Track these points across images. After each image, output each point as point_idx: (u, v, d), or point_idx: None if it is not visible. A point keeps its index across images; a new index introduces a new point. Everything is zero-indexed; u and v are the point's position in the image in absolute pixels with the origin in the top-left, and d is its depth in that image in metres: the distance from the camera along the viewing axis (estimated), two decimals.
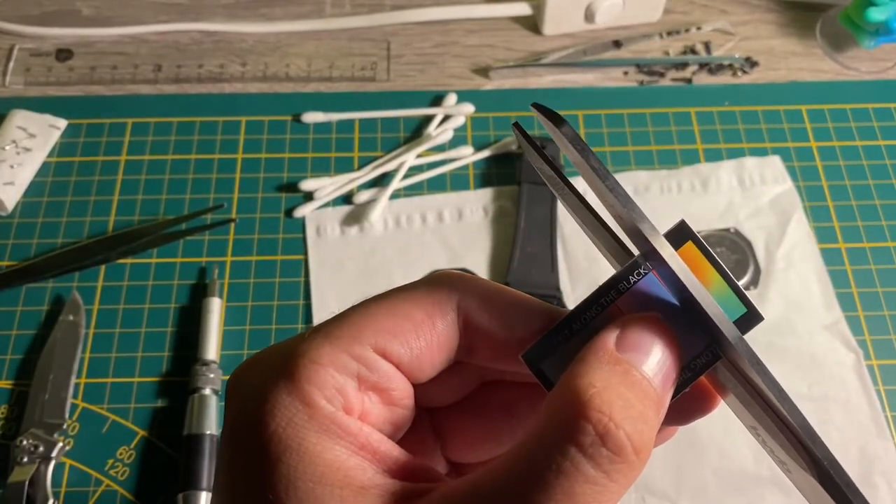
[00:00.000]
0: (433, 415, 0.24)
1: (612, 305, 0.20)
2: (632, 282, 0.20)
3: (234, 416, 0.19)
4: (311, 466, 0.18)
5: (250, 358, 0.21)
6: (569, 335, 0.20)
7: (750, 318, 0.19)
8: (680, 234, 0.19)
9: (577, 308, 0.20)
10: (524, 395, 0.24)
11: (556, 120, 0.19)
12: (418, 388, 0.21)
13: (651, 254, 0.19)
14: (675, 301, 0.19)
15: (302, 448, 0.18)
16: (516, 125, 0.21)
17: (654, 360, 0.19)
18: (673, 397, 0.19)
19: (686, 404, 0.21)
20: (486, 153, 0.53)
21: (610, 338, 0.19)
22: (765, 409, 0.19)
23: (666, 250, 0.18)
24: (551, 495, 0.17)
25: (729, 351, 0.18)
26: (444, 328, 0.21)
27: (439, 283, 0.21)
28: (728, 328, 0.18)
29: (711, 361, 0.19)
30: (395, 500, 0.18)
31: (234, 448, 0.19)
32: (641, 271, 0.20)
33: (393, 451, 0.19)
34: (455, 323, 0.21)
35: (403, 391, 0.21)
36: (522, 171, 0.50)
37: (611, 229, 0.21)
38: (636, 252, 0.20)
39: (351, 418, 0.19)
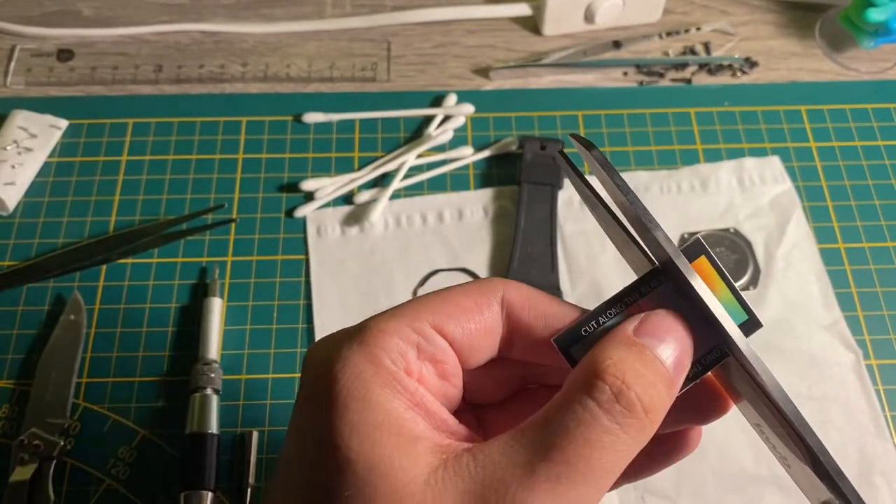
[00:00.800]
0: (479, 414, 0.27)
1: (634, 305, 0.23)
2: (652, 287, 0.23)
3: (312, 377, 0.23)
4: (372, 414, 0.21)
5: (324, 336, 0.24)
6: (595, 326, 0.23)
7: (751, 323, 0.23)
8: (695, 249, 0.23)
9: (604, 303, 0.23)
10: None
11: (588, 145, 0.23)
12: (466, 383, 0.25)
13: (670, 265, 0.22)
14: (689, 305, 0.22)
15: (367, 398, 0.21)
16: (561, 152, 0.26)
17: (667, 345, 0.22)
18: (684, 387, 0.23)
19: (703, 403, 0.24)
20: (486, 153, 0.53)
21: (629, 325, 0.22)
22: (766, 403, 0.21)
23: (684, 264, 0.22)
24: (572, 439, 0.20)
25: (734, 351, 0.22)
26: (490, 317, 0.24)
27: (486, 280, 0.25)
28: (734, 331, 0.21)
29: (719, 359, 0.23)
30: (441, 451, 0.21)
31: (309, 403, 0.22)
32: (661, 279, 0.23)
33: (443, 412, 0.23)
34: (499, 315, 0.24)
35: (455, 368, 0.24)
36: (523, 171, 0.50)
37: (637, 241, 0.24)
38: (656, 261, 0.24)
39: (410, 379, 0.22)
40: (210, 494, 0.40)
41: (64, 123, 0.53)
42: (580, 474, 0.20)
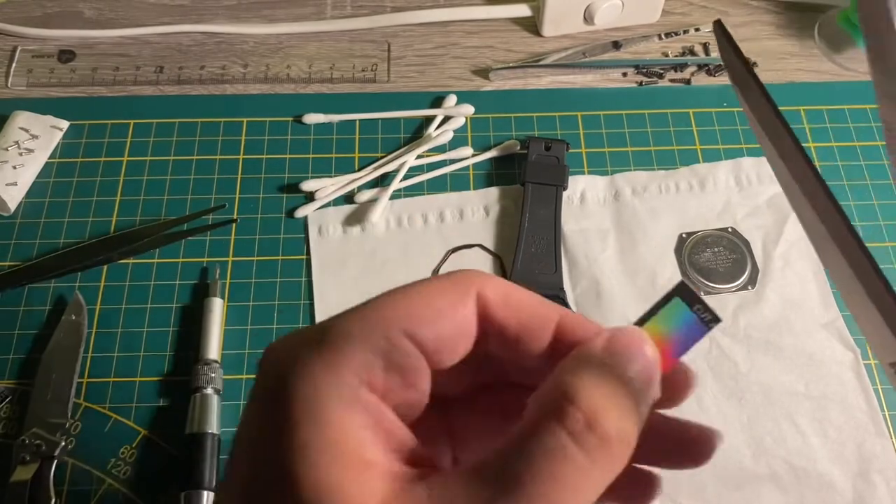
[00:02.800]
0: (447, 412, 0.25)
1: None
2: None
3: (267, 381, 0.21)
4: (325, 434, 0.19)
5: (286, 335, 0.22)
6: None
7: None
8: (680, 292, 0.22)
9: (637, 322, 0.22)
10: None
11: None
12: (434, 379, 0.23)
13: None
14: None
15: (322, 416, 0.19)
16: (718, 22, 0.23)
17: (635, 363, 0.20)
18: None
19: (681, 447, 0.23)
20: (489, 154, 0.53)
21: (598, 342, 0.21)
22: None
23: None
24: (537, 474, 0.18)
25: None
26: (465, 317, 0.22)
27: (461, 275, 0.23)
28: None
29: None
30: (396, 479, 0.19)
31: (259, 415, 0.20)
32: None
33: (405, 435, 0.21)
34: (474, 313, 0.22)
35: (424, 375, 0.22)
36: (527, 171, 0.51)
37: (806, 155, 0.22)
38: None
39: (372, 395, 0.20)
40: (210, 494, 0.40)
41: (65, 124, 0.54)
42: None
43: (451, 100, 0.55)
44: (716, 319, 0.21)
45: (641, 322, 0.22)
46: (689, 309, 0.21)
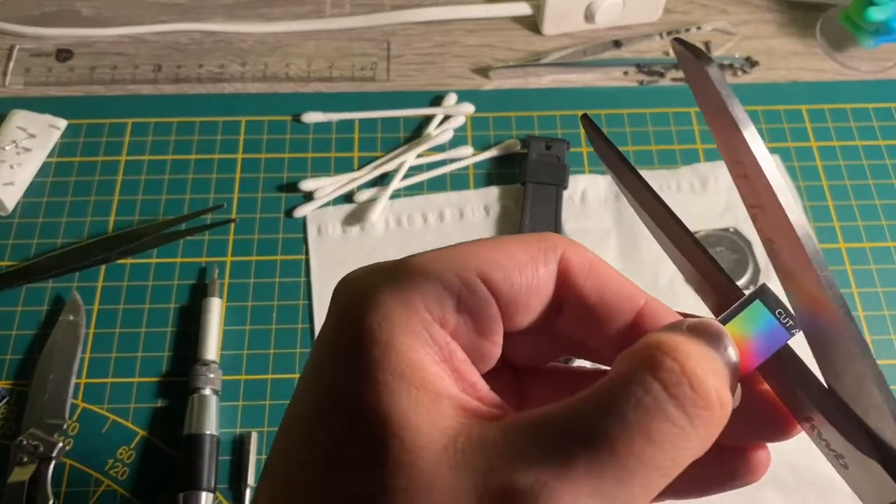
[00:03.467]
0: (519, 378, 0.24)
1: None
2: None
3: (339, 310, 0.20)
4: (394, 362, 0.18)
5: (361, 267, 0.21)
6: None
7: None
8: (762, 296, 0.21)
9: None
10: None
11: (702, 57, 0.18)
12: (506, 343, 0.22)
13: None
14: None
15: (390, 343, 0.19)
16: (585, 117, 0.23)
17: (727, 350, 0.19)
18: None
19: (768, 417, 0.22)
20: (489, 154, 0.53)
21: (682, 323, 0.19)
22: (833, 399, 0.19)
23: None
24: (627, 429, 0.17)
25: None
26: (544, 276, 0.21)
27: (547, 235, 0.22)
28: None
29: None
30: (465, 415, 0.18)
31: (326, 345, 0.20)
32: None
33: (472, 373, 0.20)
34: (554, 275, 0.21)
35: (495, 324, 0.21)
36: (528, 170, 0.50)
37: (678, 219, 0.22)
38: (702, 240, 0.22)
39: (442, 331, 0.20)
40: (209, 495, 0.40)
41: (63, 123, 0.53)
42: (629, 472, 0.17)
43: (451, 99, 0.55)
44: (797, 325, 0.20)
45: (723, 322, 0.20)
46: (772, 313, 0.20)
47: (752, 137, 0.18)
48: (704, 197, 0.51)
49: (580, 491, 0.16)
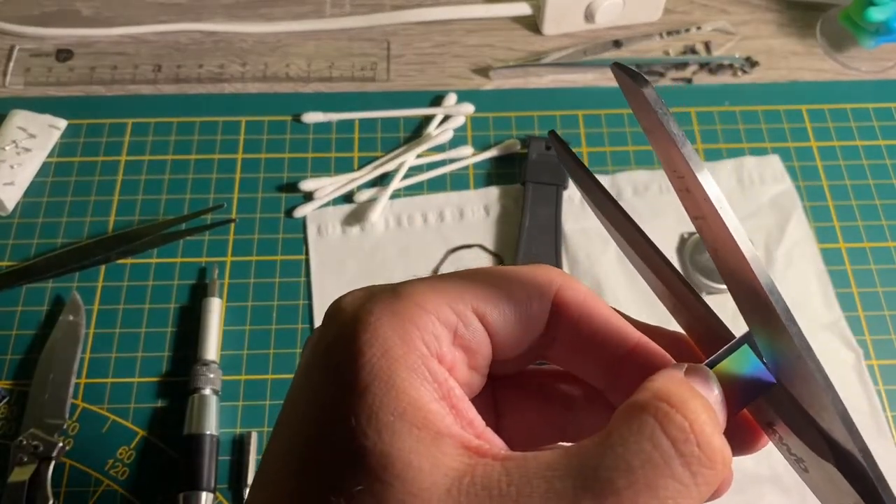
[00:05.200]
0: (494, 387, 0.24)
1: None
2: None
3: (333, 337, 0.20)
4: (395, 400, 0.18)
5: (355, 290, 0.21)
6: None
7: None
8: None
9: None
10: (586, 394, 0.24)
11: (639, 80, 0.19)
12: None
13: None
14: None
15: (391, 381, 0.18)
16: (553, 133, 0.24)
17: (714, 393, 0.19)
18: None
19: (736, 436, 0.21)
20: (489, 154, 0.53)
21: (679, 371, 0.19)
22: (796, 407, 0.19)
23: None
24: (634, 484, 0.17)
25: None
26: (538, 311, 0.21)
27: (543, 270, 0.22)
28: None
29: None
30: (467, 454, 0.18)
31: (323, 372, 0.19)
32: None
33: (470, 410, 0.20)
34: (548, 311, 0.22)
35: (486, 359, 0.21)
36: (528, 170, 0.50)
37: (649, 239, 0.22)
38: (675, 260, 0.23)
39: (441, 367, 0.19)
40: (209, 495, 0.40)
41: (63, 123, 0.53)
42: None
43: (451, 99, 0.55)
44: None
45: (710, 365, 0.20)
46: (759, 358, 0.20)
47: (689, 153, 0.18)
48: None
49: None
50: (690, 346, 0.23)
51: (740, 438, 0.21)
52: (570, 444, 0.18)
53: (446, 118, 0.54)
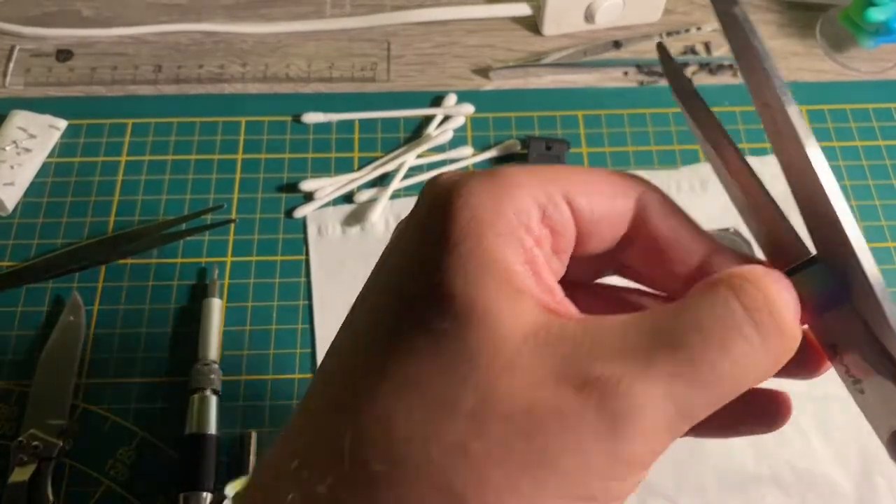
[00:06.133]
0: (572, 292, 0.25)
1: None
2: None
3: (428, 206, 0.21)
4: (482, 257, 0.19)
5: (450, 171, 0.22)
6: None
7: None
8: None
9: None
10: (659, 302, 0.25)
11: (728, 2, 0.20)
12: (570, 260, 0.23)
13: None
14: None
15: (480, 241, 0.20)
16: (660, 45, 0.25)
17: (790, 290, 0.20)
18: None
19: (799, 358, 0.22)
20: (489, 154, 0.53)
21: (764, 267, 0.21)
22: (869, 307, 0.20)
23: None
24: (705, 338, 0.18)
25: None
26: (623, 210, 0.22)
27: (629, 175, 0.23)
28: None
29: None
30: (544, 311, 0.19)
31: (418, 231, 0.21)
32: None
33: (551, 279, 0.21)
34: (632, 211, 0.22)
35: (568, 244, 0.22)
36: None
37: (738, 148, 0.23)
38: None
39: (527, 236, 0.20)
40: (209, 495, 0.40)
41: (63, 124, 0.53)
42: (701, 379, 0.18)
43: (451, 99, 0.55)
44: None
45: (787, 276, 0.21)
46: (834, 276, 0.21)
47: (772, 69, 0.21)
48: (704, 197, 0.51)
49: (655, 390, 0.18)
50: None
51: (804, 359, 0.22)
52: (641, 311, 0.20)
53: (446, 118, 0.54)
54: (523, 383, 0.18)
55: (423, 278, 0.20)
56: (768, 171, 0.55)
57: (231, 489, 0.39)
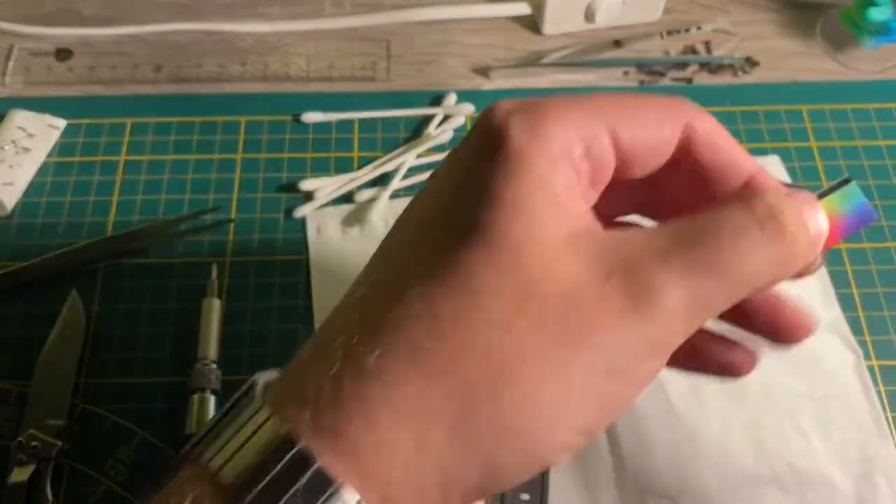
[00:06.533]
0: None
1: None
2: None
3: (484, 128, 0.23)
4: (533, 174, 0.22)
5: (504, 100, 0.24)
6: None
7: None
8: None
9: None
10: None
11: None
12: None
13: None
14: None
15: (533, 162, 0.22)
16: None
17: (817, 223, 0.23)
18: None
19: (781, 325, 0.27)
20: None
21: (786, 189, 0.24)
22: None
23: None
24: (718, 238, 0.21)
25: None
26: (668, 137, 0.24)
27: (676, 101, 0.24)
28: None
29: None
30: (586, 219, 0.22)
31: (473, 149, 0.23)
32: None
33: (587, 206, 0.23)
34: (677, 140, 0.24)
35: (607, 177, 0.24)
36: None
37: None
38: None
39: (571, 165, 0.22)
40: None
41: (62, 123, 0.53)
42: (714, 271, 0.21)
43: (451, 98, 0.55)
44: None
45: (818, 198, 0.24)
46: (863, 196, 0.24)
47: None
48: None
49: (672, 278, 0.21)
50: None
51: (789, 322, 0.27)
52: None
53: (446, 118, 0.54)
54: (562, 273, 0.21)
55: (478, 186, 0.22)
56: (769, 171, 0.56)
57: (261, 375, 0.39)
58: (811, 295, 0.47)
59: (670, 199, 0.26)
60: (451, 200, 0.22)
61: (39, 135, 0.52)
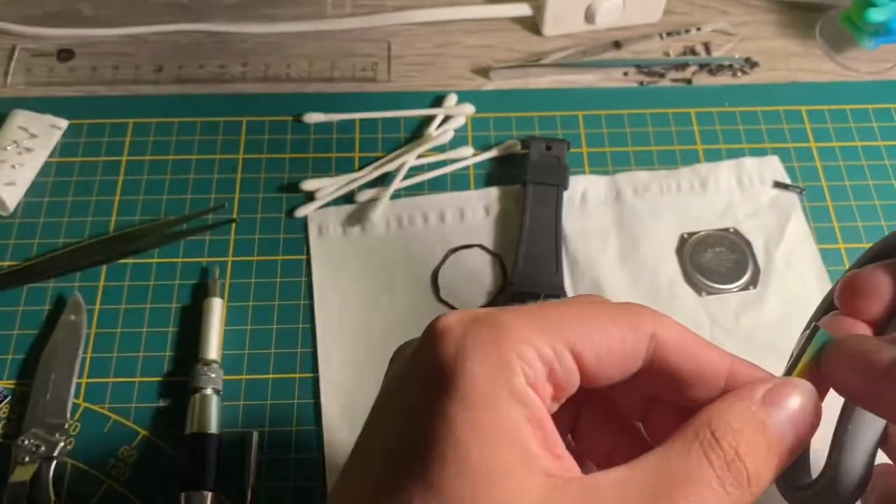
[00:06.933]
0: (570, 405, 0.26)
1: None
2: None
3: (436, 349, 0.21)
4: (499, 420, 0.20)
5: (460, 312, 0.22)
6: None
7: None
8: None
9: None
10: (667, 418, 0.26)
11: None
12: None
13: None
14: None
15: (496, 403, 0.20)
16: None
17: (790, 418, 0.22)
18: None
19: None
20: (490, 154, 0.53)
21: (760, 390, 0.22)
22: None
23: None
24: (684, 495, 0.20)
25: None
26: (633, 352, 0.23)
27: (637, 310, 0.23)
28: None
29: None
30: (552, 475, 0.20)
31: (427, 387, 0.21)
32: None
33: (555, 434, 0.22)
34: (643, 353, 0.23)
35: (572, 391, 0.23)
36: (528, 171, 0.50)
37: None
38: None
39: (536, 397, 0.21)
40: (210, 495, 0.40)
41: (64, 123, 0.53)
42: None
43: (452, 99, 0.55)
44: None
45: (791, 367, 0.23)
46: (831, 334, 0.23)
47: None
48: (704, 197, 0.51)
49: None
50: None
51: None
52: (634, 461, 0.21)
53: (447, 119, 0.54)
54: None
55: (437, 438, 0.20)
56: (768, 171, 0.55)
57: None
58: (810, 295, 0.48)
59: (647, 397, 0.25)
60: (400, 444, 0.21)
61: (41, 135, 0.52)
